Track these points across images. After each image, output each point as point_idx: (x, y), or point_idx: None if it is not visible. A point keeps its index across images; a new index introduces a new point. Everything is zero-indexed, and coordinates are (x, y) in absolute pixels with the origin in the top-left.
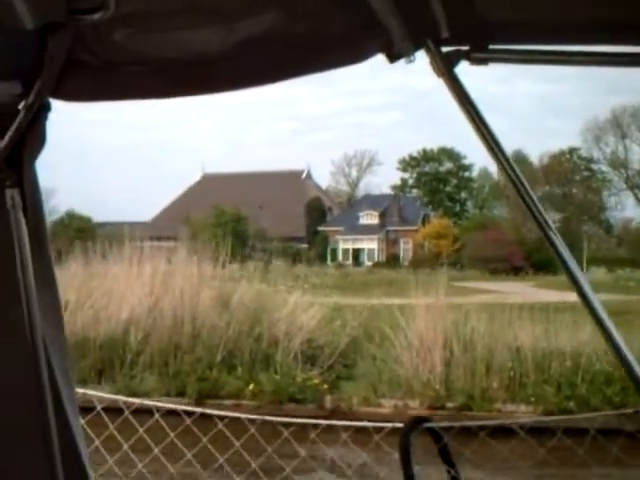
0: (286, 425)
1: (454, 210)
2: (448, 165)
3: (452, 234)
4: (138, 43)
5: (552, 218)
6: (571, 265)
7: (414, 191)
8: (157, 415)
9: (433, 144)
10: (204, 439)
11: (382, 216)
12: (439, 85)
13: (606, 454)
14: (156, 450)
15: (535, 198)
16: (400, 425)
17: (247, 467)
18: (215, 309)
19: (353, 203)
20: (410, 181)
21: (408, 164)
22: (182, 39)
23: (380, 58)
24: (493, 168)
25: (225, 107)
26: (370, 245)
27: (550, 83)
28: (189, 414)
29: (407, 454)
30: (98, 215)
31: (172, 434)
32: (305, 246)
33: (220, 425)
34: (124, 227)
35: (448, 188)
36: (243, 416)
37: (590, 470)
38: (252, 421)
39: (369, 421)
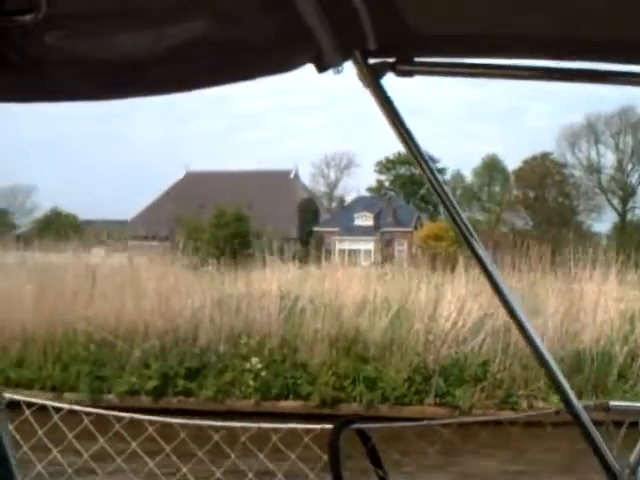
0: (216, 429)
1: (428, 212)
2: None
3: (450, 236)
4: (68, 45)
5: (525, 221)
6: (492, 269)
7: (390, 193)
8: (86, 420)
9: (366, 144)
10: (134, 444)
11: (377, 218)
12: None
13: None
14: (86, 455)
15: (456, 204)
16: (329, 426)
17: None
18: None
19: (347, 204)
20: (386, 183)
21: (384, 166)
22: (113, 42)
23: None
24: (466, 172)
25: (159, 101)
26: (367, 246)
27: (476, 88)
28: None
29: (336, 456)
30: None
31: (102, 439)
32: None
33: (150, 430)
34: (107, 225)
35: (422, 190)
36: (174, 421)
37: None
38: (183, 426)
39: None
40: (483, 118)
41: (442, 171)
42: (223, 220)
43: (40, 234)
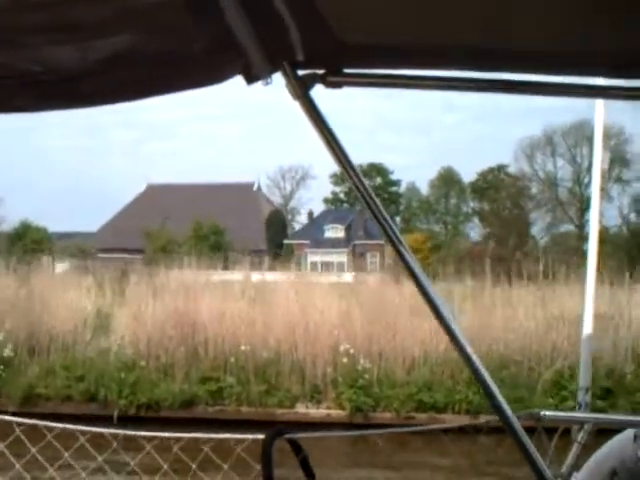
0: (148, 439)
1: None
2: (378, 180)
3: (427, 248)
4: (1, 57)
5: (479, 233)
6: (421, 278)
7: (345, 205)
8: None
9: (276, 156)
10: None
11: (347, 230)
12: (280, 99)
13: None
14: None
15: (387, 215)
16: (261, 436)
17: None
18: None
19: (316, 216)
20: (341, 195)
21: (340, 178)
22: (45, 54)
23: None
24: (422, 184)
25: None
26: (339, 259)
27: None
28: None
29: (268, 465)
30: None
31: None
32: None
33: (82, 440)
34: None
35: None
36: (105, 431)
37: None
38: (114, 436)
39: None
40: (395, 129)
41: (397, 183)
42: (201, 232)
43: (12, 247)
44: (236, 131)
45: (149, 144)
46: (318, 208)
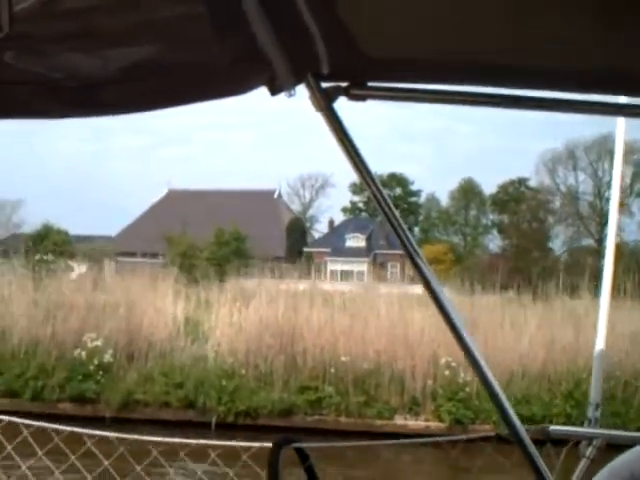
0: (155, 444)
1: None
2: (398, 191)
3: (449, 259)
4: (26, 63)
5: (498, 245)
6: (437, 289)
7: (363, 214)
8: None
9: (289, 164)
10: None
11: (368, 239)
12: (293, 108)
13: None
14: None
15: (404, 225)
16: (268, 445)
17: None
18: None
19: (337, 225)
20: (360, 204)
21: (359, 187)
22: (69, 61)
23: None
24: (442, 195)
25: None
26: (359, 268)
27: (400, 108)
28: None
29: (275, 474)
30: None
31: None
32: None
33: (89, 444)
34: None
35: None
36: (112, 435)
37: None
38: (122, 440)
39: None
40: (409, 138)
41: (416, 193)
42: (223, 239)
43: (33, 249)
44: (249, 139)
45: (162, 150)
46: (337, 217)
